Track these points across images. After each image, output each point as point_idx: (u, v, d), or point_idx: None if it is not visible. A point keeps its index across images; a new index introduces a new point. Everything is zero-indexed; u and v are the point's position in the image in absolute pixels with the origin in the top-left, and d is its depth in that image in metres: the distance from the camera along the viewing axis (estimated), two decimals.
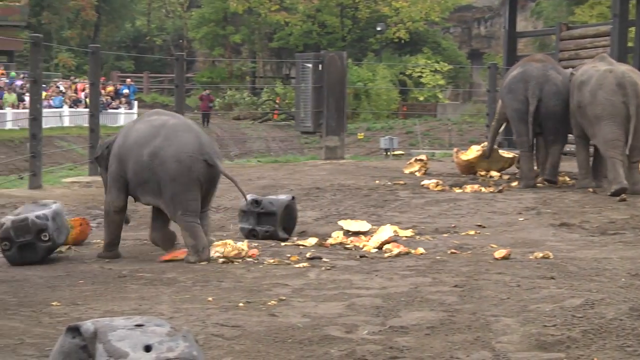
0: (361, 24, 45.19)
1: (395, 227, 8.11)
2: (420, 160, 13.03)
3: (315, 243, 7.55)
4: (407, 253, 7.02)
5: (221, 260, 6.62)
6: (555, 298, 5.11)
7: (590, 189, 10.65)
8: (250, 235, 7.83)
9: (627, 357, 4.02)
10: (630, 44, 16.71)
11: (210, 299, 5.28)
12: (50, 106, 29.67)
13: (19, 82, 32.04)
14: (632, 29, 16.62)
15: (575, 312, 4.73)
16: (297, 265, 6.47)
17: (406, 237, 7.91)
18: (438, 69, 42.52)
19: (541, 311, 4.81)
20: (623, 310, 4.71)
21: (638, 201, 9.75)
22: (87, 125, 13.47)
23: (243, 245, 6.89)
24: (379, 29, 43.07)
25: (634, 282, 5.55)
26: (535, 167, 11.68)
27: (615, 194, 9.85)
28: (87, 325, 3.05)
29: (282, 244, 7.57)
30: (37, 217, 6.59)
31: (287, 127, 34.93)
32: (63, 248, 7.05)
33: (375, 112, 37.72)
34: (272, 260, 6.66)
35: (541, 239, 7.75)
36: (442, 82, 42.82)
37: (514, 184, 11.55)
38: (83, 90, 32.66)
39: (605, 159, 10.43)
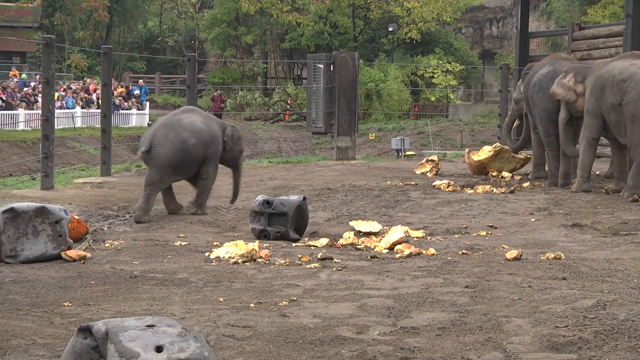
0: (373, 25, 45.13)
1: (407, 228, 8.11)
2: (432, 160, 13.03)
3: (327, 244, 7.55)
4: (419, 254, 7.01)
5: (232, 261, 6.64)
6: (567, 299, 5.09)
7: (604, 190, 10.60)
8: (262, 235, 7.84)
9: (639, 358, 4.01)
10: None
11: (221, 299, 5.29)
12: (62, 107, 29.74)
13: (33, 84, 32.09)
14: None
15: (587, 313, 4.72)
16: (308, 266, 6.47)
17: (417, 237, 7.90)
18: (450, 69, 42.42)
19: (553, 312, 4.80)
20: (635, 311, 4.69)
21: None
22: (99, 126, 13.52)
23: (254, 245, 6.89)
24: (390, 29, 42.96)
25: None
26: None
27: (634, 200, 9.74)
28: (99, 326, 3.06)
29: (294, 244, 7.58)
30: None
31: (299, 128, 34.93)
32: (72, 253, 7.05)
33: (387, 113, 37.67)
34: (283, 261, 6.66)
35: (553, 239, 7.73)
36: (453, 82, 42.72)
37: (526, 184, 11.53)
38: (95, 91, 32.72)
39: (635, 162, 10.12)
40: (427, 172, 12.77)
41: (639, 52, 11.32)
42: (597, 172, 12.56)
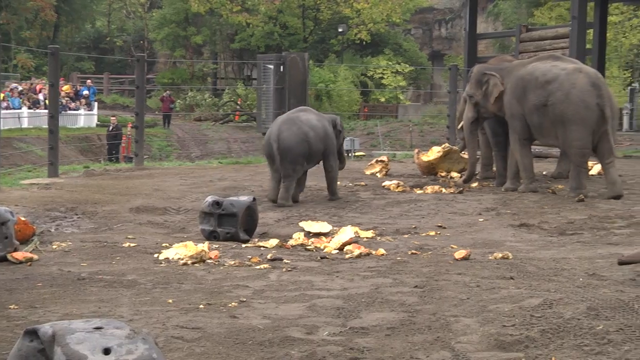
0: (323, 26, 45.25)
1: (356, 228, 8.13)
2: (382, 161, 13.07)
3: (277, 244, 7.55)
4: (368, 254, 7.03)
5: (182, 262, 6.60)
6: (514, 298, 5.14)
7: (550, 190, 10.74)
8: (211, 236, 7.81)
9: (584, 356, 4.06)
10: (588, 46, 16.92)
11: (170, 301, 5.26)
12: (8, 107, 29.33)
13: None
14: (591, 30, 16.83)
15: (533, 312, 4.77)
16: (258, 267, 6.46)
17: (367, 238, 7.93)
18: (399, 70, 42.70)
19: (500, 311, 4.84)
20: (581, 310, 4.75)
21: (596, 202, 9.87)
22: (46, 126, 13.36)
23: (204, 246, 6.86)
24: (340, 30, 43.11)
25: (592, 282, 5.61)
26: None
27: (580, 200, 9.85)
28: (45, 329, 3.02)
29: (243, 245, 7.56)
30: None
31: (249, 129, 34.87)
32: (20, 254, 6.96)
33: (337, 113, 37.80)
34: (233, 262, 6.65)
35: (501, 239, 7.80)
36: (403, 83, 43.02)
37: (474, 184, 11.63)
38: (41, 91, 32.34)
39: (572, 164, 10.27)
40: (376, 172, 12.82)
41: (557, 54, 11.49)
42: (543, 172, 12.72)
